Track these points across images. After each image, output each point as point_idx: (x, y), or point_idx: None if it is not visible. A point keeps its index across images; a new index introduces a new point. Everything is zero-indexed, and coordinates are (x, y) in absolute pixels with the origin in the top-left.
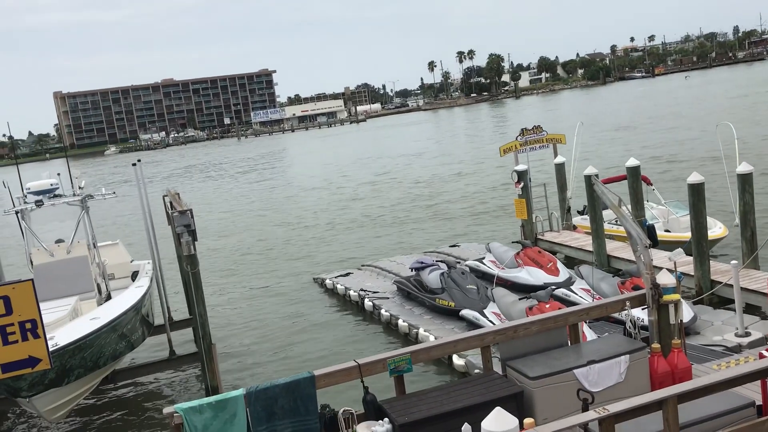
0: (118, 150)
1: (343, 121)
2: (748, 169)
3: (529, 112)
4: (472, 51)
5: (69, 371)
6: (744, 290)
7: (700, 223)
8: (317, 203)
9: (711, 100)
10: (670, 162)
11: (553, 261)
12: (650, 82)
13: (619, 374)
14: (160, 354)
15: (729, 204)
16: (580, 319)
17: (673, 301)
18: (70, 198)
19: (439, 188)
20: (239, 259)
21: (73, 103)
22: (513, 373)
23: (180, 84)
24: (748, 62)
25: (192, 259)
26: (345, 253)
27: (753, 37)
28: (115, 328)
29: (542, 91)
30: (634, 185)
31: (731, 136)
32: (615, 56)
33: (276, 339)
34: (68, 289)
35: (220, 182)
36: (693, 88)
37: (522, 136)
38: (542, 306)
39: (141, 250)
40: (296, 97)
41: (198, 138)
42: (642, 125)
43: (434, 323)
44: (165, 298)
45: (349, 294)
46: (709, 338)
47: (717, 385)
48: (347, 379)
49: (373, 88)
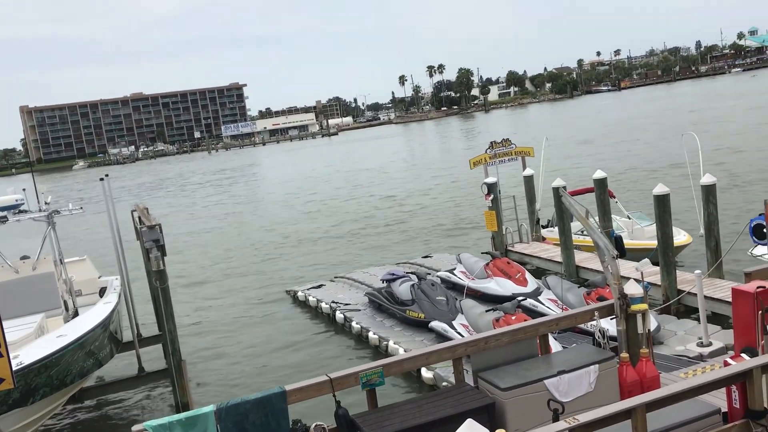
0: (87, 165)
1: (314, 134)
2: (712, 181)
3: (498, 126)
4: (442, 65)
5: (34, 390)
6: (709, 299)
7: (666, 234)
8: (288, 216)
9: (676, 113)
10: (628, 172)
11: (521, 272)
12: (617, 96)
13: (588, 384)
14: (129, 371)
15: (693, 213)
16: (549, 329)
17: (641, 311)
18: (36, 214)
19: (410, 200)
20: (209, 273)
21: (40, 117)
22: (484, 384)
23: (149, 98)
24: (711, 76)
25: (161, 275)
26: (317, 265)
27: (714, 51)
28: (83, 346)
29: (511, 105)
30: (602, 197)
31: (696, 146)
32: (582, 70)
33: (247, 354)
34: (34, 306)
35: (189, 196)
36: (658, 101)
37: (491, 149)
38: (508, 318)
39: (109, 266)
40: (267, 110)
41: (168, 152)
42: (606, 138)
43: (404, 335)
44: (134, 314)
45: (321, 306)
46: (673, 348)
47: (684, 393)
48: (319, 393)
49: (344, 102)
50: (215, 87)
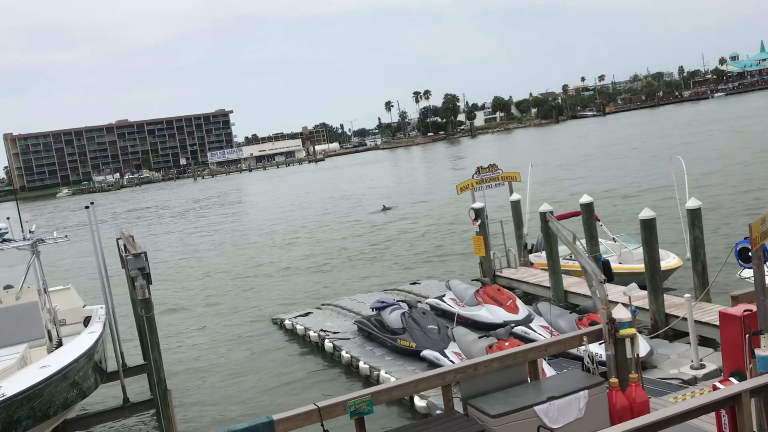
0: (71, 192)
1: (301, 160)
2: (697, 205)
3: (484, 151)
4: (428, 91)
5: (16, 423)
6: (697, 323)
7: (653, 258)
8: (271, 243)
9: (662, 137)
10: (615, 197)
11: (512, 299)
12: (601, 120)
13: (578, 410)
14: (114, 402)
15: (680, 234)
16: (539, 355)
17: (629, 336)
18: (20, 242)
19: (398, 225)
20: (195, 302)
21: (24, 144)
22: (474, 411)
23: (135, 125)
24: (694, 101)
25: (146, 303)
26: (302, 293)
27: (697, 76)
28: (66, 376)
29: (497, 130)
30: (588, 221)
31: (682, 169)
32: (567, 95)
33: (234, 383)
34: (17, 336)
35: (174, 224)
36: (643, 125)
37: (478, 174)
38: (501, 344)
39: (94, 295)
40: (254, 137)
41: (153, 179)
42: (589, 162)
43: (396, 364)
44: (119, 343)
45: (309, 335)
46: (666, 371)
47: (674, 418)
48: (307, 422)
49: (331, 128)
50: (201, 114)
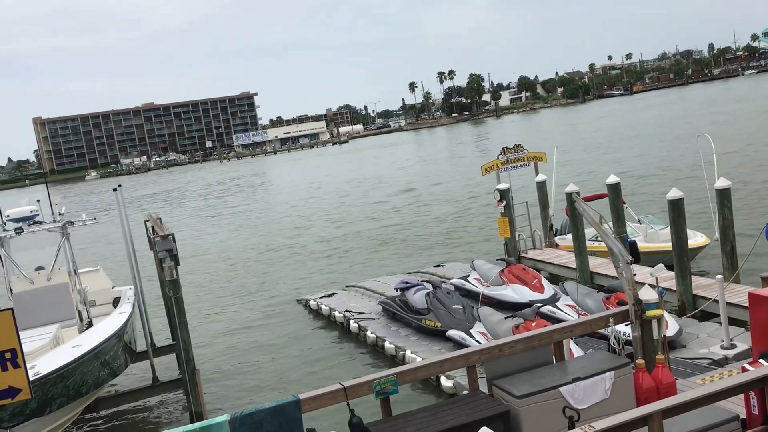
0: (99, 175)
1: (325, 142)
2: (726, 185)
3: (509, 131)
4: (453, 71)
5: (51, 400)
6: (726, 304)
7: (681, 239)
8: (300, 224)
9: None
10: (637, 177)
11: (537, 278)
12: (629, 100)
13: (604, 391)
14: (144, 381)
15: (707, 216)
16: (564, 336)
17: (656, 317)
18: (51, 225)
19: (422, 208)
20: (222, 282)
21: (53, 128)
22: (499, 392)
23: (161, 108)
24: (724, 79)
25: (174, 284)
26: (328, 274)
27: (727, 54)
28: (98, 356)
29: (522, 110)
30: (615, 202)
31: (710, 148)
32: (593, 74)
33: (260, 362)
34: (49, 316)
35: (201, 205)
36: (670, 105)
37: (503, 154)
38: (528, 324)
39: (122, 276)
40: (278, 119)
41: (180, 161)
42: (618, 143)
43: (421, 344)
44: (147, 324)
45: (334, 315)
46: (695, 351)
47: (701, 400)
48: (333, 402)
49: (354, 110)
50: (226, 96)
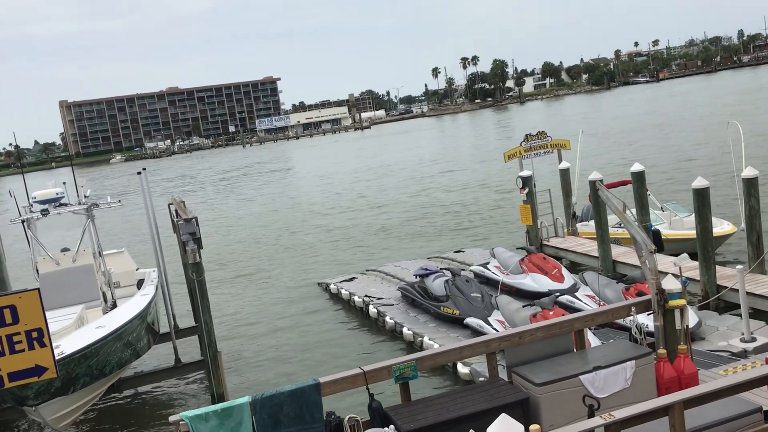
0: (124, 158)
1: (347, 127)
2: (754, 174)
3: (533, 118)
4: (476, 57)
5: (75, 380)
6: (750, 295)
7: (706, 228)
8: (320, 210)
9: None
10: (658, 167)
11: (557, 267)
12: (655, 87)
13: (625, 380)
14: (166, 362)
15: (733, 204)
16: (585, 325)
17: (678, 307)
18: (76, 207)
19: (443, 194)
20: (243, 265)
21: (78, 111)
22: (518, 379)
23: (185, 92)
24: (753, 66)
25: (197, 267)
26: (349, 258)
27: (758, 40)
28: (121, 337)
29: (546, 97)
30: (639, 190)
31: (738, 136)
32: (619, 61)
33: (281, 345)
34: (74, 297)
35: (223, 189)
36: (698, 92)
37: (526, 141)
38: (546, 313)
39: (147, 259)
40: (301, 104)
41: (203, 146)
42: (644, 130)
43: (439, 331)
44: (170, 306)
45: (354, 300)
46: (715, 344)
47: (723, 391)
48: (352, 386)
49: (377, 95)
50: (249, 81)
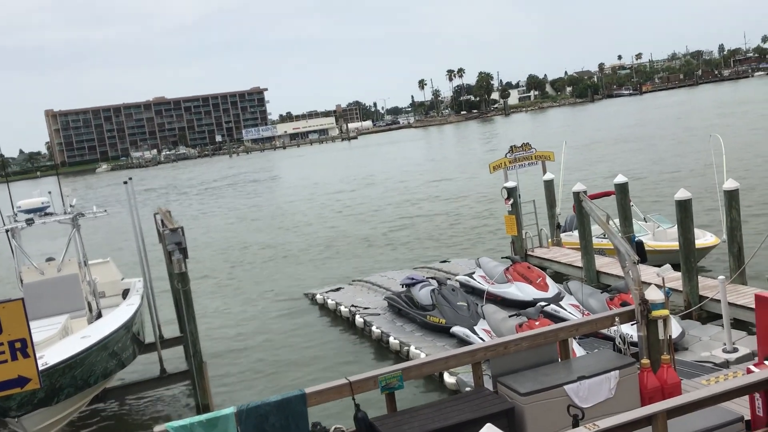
0: (110, 168)
1: (334, 138)
2: (734, 186)
3: (518, 130)
4: (462, 69)
5: (59, 390)
6: (732, 305)
7: (688, 239)
8: (306, 220)
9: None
10: (644, 178)
11: (542, 276)
12: (638, 99)
13: (609, 390)
14: (151, 372)
15: (712, 216)
16: (570, 334)
17: (662, 317)
18: (61, 216)
19: (428, 205)
20: (229, 275)
21: (64, 121)
22: (504, 389)
23: (171, 102)
24: (734, 80)
25: (183, 277)
26: (336, 268)
27: (738, 55)
28: (106, 347)
29: (531, 109)
30: (623, 201)
31: (720, 149)
32: (603, 74)
33: (267, 356)
34: (59, 307)
35: (209, 199)
36: (680, 105)
37: (511, 153)
38: (532, 323)
39: (132, 268)
40: (288, 114)
41: (189, 155)
42: (627, 142)
43: (425, 340)
44: (156, 316)
45: (340, 309)
46: (698, 354)
47: (706, 400)
48: (338, 396)
49: (364, 106)
50: (236, 91)
